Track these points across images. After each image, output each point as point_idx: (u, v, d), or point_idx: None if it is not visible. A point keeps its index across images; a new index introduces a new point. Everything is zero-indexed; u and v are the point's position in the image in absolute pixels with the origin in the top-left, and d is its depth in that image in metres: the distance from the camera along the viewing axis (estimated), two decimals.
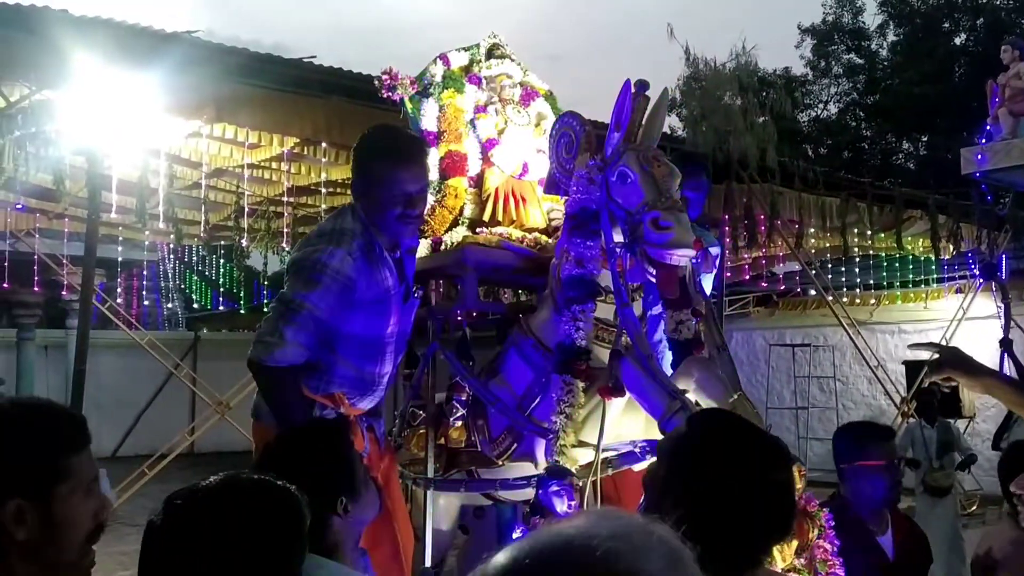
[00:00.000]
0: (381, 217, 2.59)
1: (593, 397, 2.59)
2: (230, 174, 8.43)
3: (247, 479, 1.32)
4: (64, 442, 1.46)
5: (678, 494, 1.45)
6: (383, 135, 2.68)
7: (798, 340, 14.24)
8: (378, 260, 2.60)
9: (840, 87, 23.21)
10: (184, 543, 1.18)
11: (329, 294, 2.49)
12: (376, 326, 2.62)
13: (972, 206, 10.08)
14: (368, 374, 2.65)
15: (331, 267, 2.50)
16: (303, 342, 2.49)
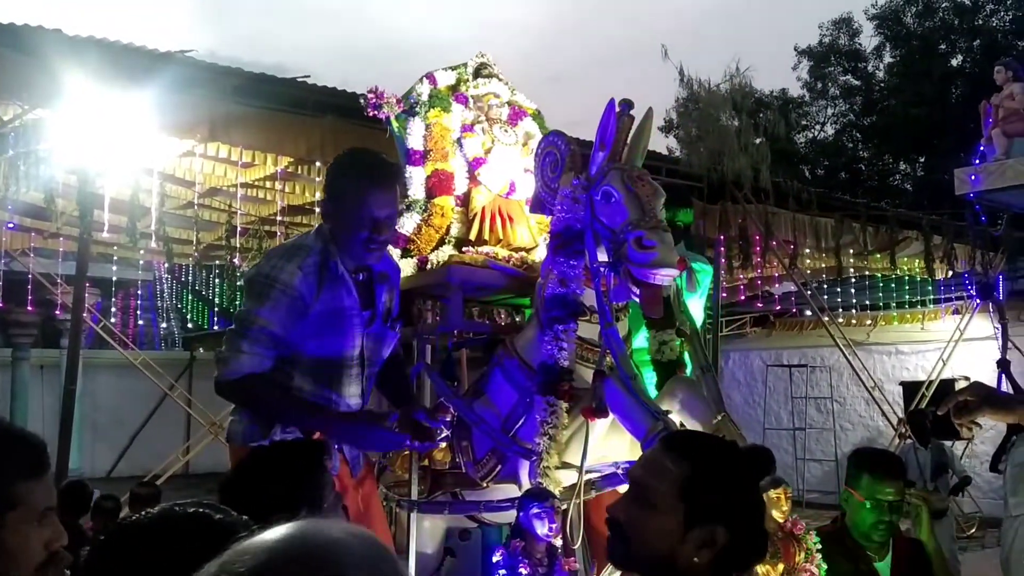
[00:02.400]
0: (348, 238, 2.56)
1: (577, 418, 2.57)
2: (223, 193, 8.43)
3: (181, 513, 1.25)
4: (16, 468, 1.41)
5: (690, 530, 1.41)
6: (357, 158, 2.64)
7: (795, 361, 14.20)
8: (334, 278, 2.56)
9: (837, 108, 23.31)
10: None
11: (279, 307, 2.49)
12: (333, 345, 2.57)
13: (966, 227, 10.08)
14: (328, 395, 2.59)
15: (280, 280, 2.50)
16: (258, 351, 2.50)
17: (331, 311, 2.55)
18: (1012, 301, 11.75)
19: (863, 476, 2.71)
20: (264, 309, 2.49)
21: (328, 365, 2.58)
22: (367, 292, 2.64)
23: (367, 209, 2.51)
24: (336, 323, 2.56)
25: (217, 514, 1.19)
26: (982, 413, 2.01)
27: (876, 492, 2.66)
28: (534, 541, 2.25)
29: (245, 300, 2.60)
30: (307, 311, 2.51)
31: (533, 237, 3.21)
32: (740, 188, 9.27)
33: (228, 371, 2.49)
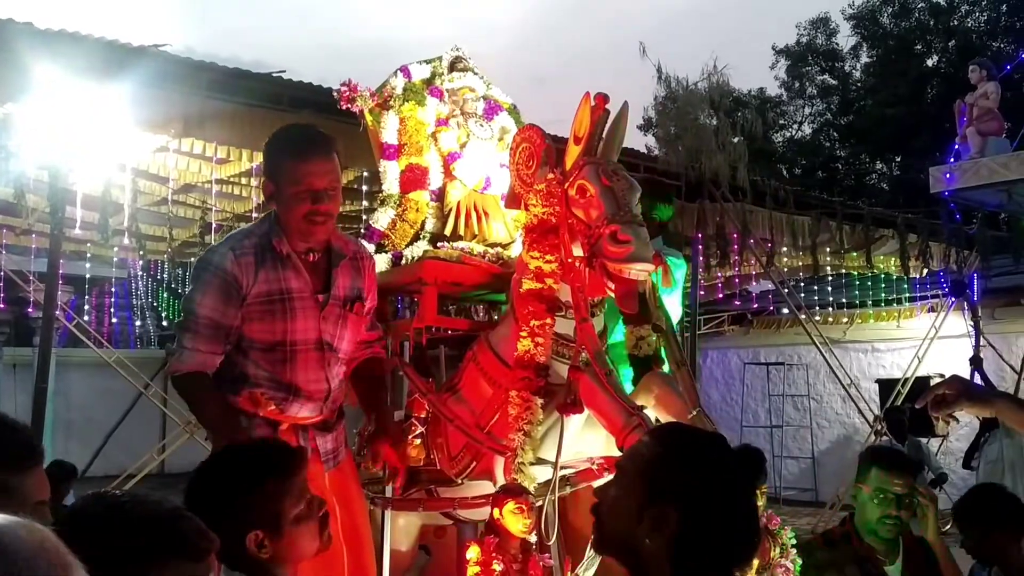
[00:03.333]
0: (291, 216, 2.49)
1: (552, 414, 2.55)
2: (198, 190, 8.34)
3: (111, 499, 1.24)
4: (8, 461, 1.39)
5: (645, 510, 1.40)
6: (290, 132, 2.61)
7: (772, 359, 14.29)
8: (277, 259, 2.51)
9: (814, 108, 23.49)
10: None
11: (211, 291, 2.47)
12: (274, 330, 2.52)
13: (941, 225, 10.17)
14: (286, 380, 2.54)
15: (212, 263, 2.49)
16: (201, 347, 2.50)
17: (274, 293, 2.51)
18: (986, 299, 11.87)
19: (872, 468, 2.73)
20: (198, 295, 2.49)
21: (280, 348, 2.53)
22: (322, 274, 2.59)
23: (305, 181, 2.46)
24: (282, 305, 2.51)
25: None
26: (960, 406, 2.01)
27: (883, 484, 2.68)
28: (509, 537, 2.23)
29: (189, 288, 2.60)
30: (243, 293, 2.48)
31: (509, 233, 3.19)
32: (718, 186, 9.29)
33: (174, 366, 2.54)
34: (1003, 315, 12.44)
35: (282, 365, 2.55)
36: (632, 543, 1.41)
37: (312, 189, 2.46)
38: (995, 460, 7.83)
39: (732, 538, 1.39)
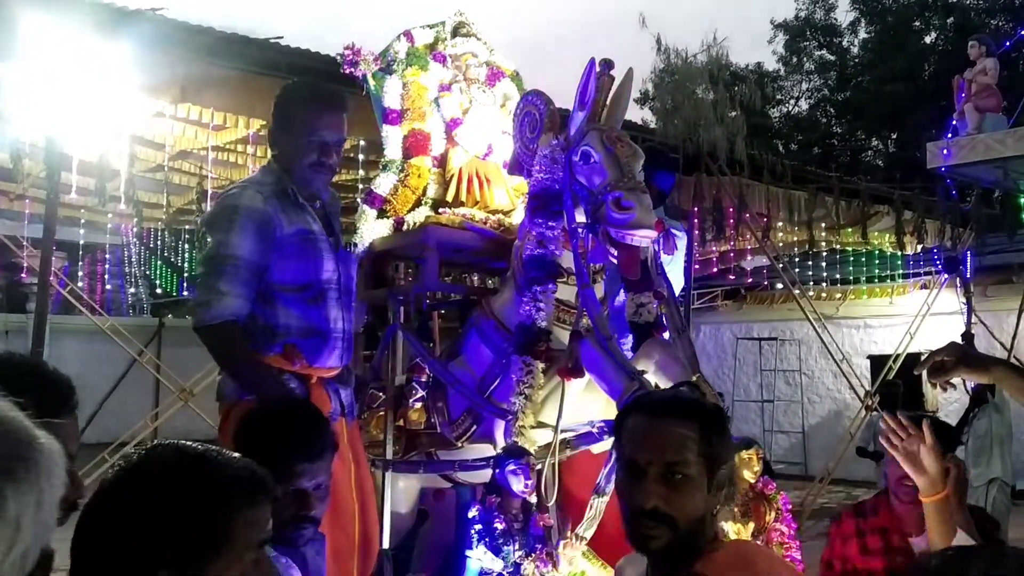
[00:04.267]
0: (297, 164, 2.53)
1: (553, 378, 2.57)
2: (194, 156, 8.31)
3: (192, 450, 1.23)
4: (42, 407, 1.38)
5: (724, 477, 1.47)
6: (305, 84, 2.68)
7: (765, 334, 14.36)
8: (293, 204, 2.54)
9: (812, 83, 23.40)
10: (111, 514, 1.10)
11: (247, 233, 2.42)
12: (308, 269, 2.53)
13: (937, 202, 10.18)
14: (316, 323, 2.53)
15: (242, 206, 2.44)
16: (239, 291, 2.41)
17: (301, 235, 2.52)
18: (978, 277, 11.93)
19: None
20: (236, 236, 2.41)
21: (311, 288, 2.53)
22: (324, 220, 2.63)
23: (316, 133, 2.51)
24: (309, 247, 2.53)
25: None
26: (958, 373, 2.02)
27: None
28: (509, 497, 2.26)
29: (212, 238, 2.50)
30: (276, 235, 2.46)
31: (511, 200, 3.19)
32: (715, 160, 9.29)
33: (209, 315, 2.40)
34: (995, 292, 12.52)
35: (313, 306, 2.53)
36: (705, 515, 1.48)
37: (322, 141, 2.51)
38: (983, 435, 7.90)
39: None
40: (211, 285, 2.41)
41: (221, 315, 2.39)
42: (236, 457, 1.20)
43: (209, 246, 2.50)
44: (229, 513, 1.12)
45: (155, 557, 1.06)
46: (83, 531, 1.10)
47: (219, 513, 1.11)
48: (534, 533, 2.25)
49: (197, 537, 1.08)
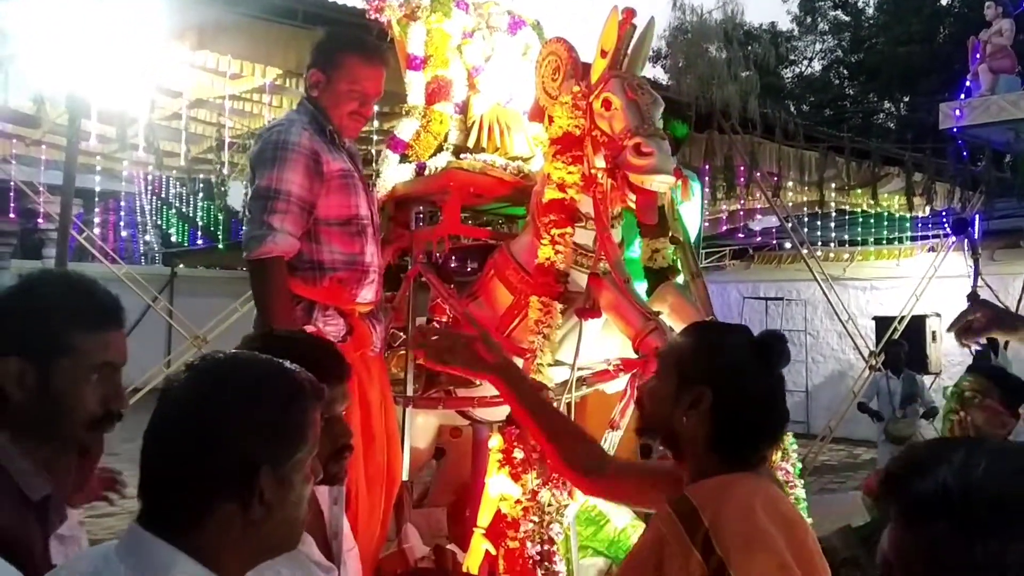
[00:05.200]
0: (336, 111, 2.64)
1: (570, 318, 2.67)
2: (210, 105, 8.34)
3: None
4: (73, 317, 1.44)
5: (701, 399, 1.56)
6: (354, 32, 2.81)
7: (772, 294, 14.44)
8: (332, 143, 2.64)
9: (825, 44, 23.19)
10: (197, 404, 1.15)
11: (297, 168, 2.50)
12: (350, 204, 2.63)
13: (947, 164, 10.18)
14: (357, 258, 2.64)
15: (291, 142, 2.51)
16: (290, 229, 2.50)
17: (342, 172, 2.62)
18: (986, 240, 11.96)
19: (966, 371, 2.86)
20: (287, 173, 2.48)
21: (354, 222, 2.64)
22: (351, 159, 2.75)
23: (359, 83, 2.63)
24: (349, 184, 2.64)
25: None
26: (989, 332, 2.09)
27: (960, 381, 2.81)
28: None
29: (260, 173, 2.55)
30: (323, 168, 2.55)
31: (530, 147, 3.26)
32: (728, 118, 9.29)
33: (260, 249, 2.48)
34: (1002, 256, 12.55)
35: (357, 240, 2.64)
36: (671, 424, 1.60)
37: (364, 92, 2.64)
38: None
39: (760, 415, 1.57)
40: (262, 220, 2.48)
41: (274, 250, 2.48)
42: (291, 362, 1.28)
43: (259, 181, 2.55)
44: (307, 409, 1.20)
45: (256, 453, 1.13)
46: (165, 436, 1.15)
47: (301, 409, 1.20)
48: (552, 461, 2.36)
49: (286, 432, 1.17)
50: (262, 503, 1.14)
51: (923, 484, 0.77)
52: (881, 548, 0.82)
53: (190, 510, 1.13)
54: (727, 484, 1.51)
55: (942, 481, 0.76)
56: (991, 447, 0.80)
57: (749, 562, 1.38)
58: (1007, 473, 0.75)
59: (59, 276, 1.58)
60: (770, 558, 1.39)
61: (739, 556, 1.38)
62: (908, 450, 0.86)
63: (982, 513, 0.72)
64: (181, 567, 1.11)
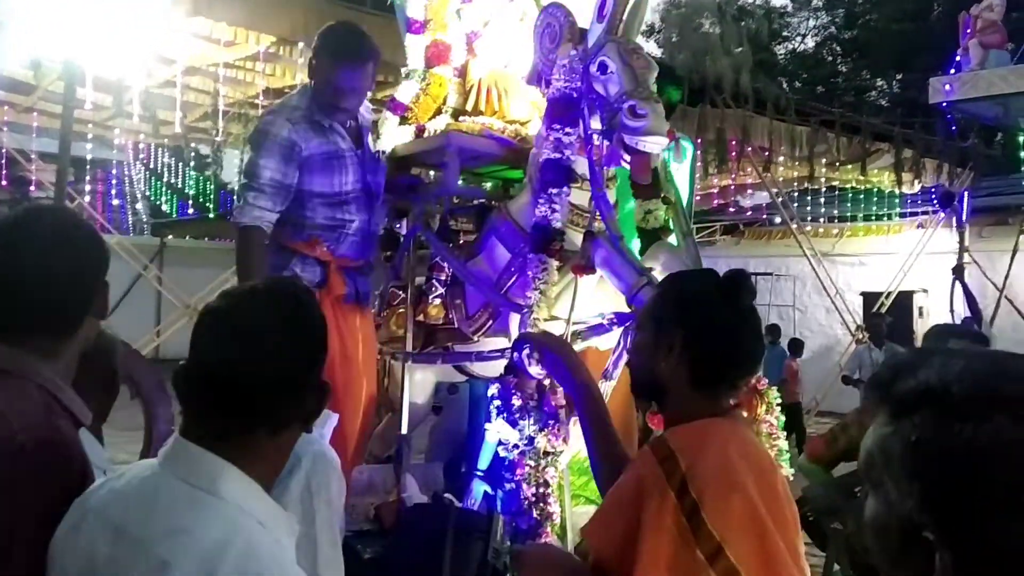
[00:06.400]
0: (321, 99, 3.00)
1: (566, 275, 2.75)
2: (203, 73, 8.35)
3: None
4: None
5: (673, 342, 1.64)
6: (335, 30, 3.07)
7: (761, 269, 14.55)
8: (322, 127, 3.01)
9: (819, 20, 23.18)
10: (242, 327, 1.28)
11: (273, 156, 2.92)
12: (333, 182, 3.03)
13: (937, 141, 10.28)
14: (337, 220, 3.05)
15: (271, 133, 2.94)
16: (263, 204, 2.91)
17: (329, 152, 3.01)
18: (974, 217, 12.10)
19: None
20: (261, 159, 2.93)
21: (336, 196, 3.04)
22: (355, 134, 3.13)
23: (332, 79, 2.97)
24: (333, 163, 3.02)
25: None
26: None
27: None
28: (526, 378, 2.45)
29: (248, 155, 3.05)
30: (301, 155, 2.95)
31: (528, 111, 3.32)
32: (720, 92, 9.35)
33: (240, 218, 2.92)
34: (990, 233, 12.69)
35: (339, 208, 3.05)
36: (654, 373, 1.68)
37: (337, 86, 2.96)
38: None
39: (730, 347, 1.65)
40: (244, 195, 2.96)
41: (243, 220, 2.91)
42: None
43: (247, 161, 3.04)
44: (326, 330, 1.37)
45: (303, 371, 1.30)
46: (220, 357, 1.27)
47: (325, 330, 1.36)
48: (547, 411, 2.45)
49: (319, 351, 1.35)
50: (301, 418, 1.27)
51: (907, 384, 0.85)
52: (864, 445, 0.90)
53: (240, 424, 1.24)
54: (704, 429, 1.59)
55: (924, 380, 0.84)
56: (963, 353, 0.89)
57: (721, 504, 1.46)
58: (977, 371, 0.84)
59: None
60: (741, 502, 1.47)
61: (712, 499, 1.46)
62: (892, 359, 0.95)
63: (958, 403, 0.81)
64: (228, 475, 1.21)
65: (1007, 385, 0.81)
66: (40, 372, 1.42)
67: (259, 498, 1.25)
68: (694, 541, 1.45)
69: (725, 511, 1.46)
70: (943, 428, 0.81)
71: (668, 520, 1.47)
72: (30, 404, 1.38)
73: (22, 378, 1.40)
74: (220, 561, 1.13)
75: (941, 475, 0.80)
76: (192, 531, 1.16)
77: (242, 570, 1.13)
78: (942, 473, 0.80)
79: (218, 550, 1.14)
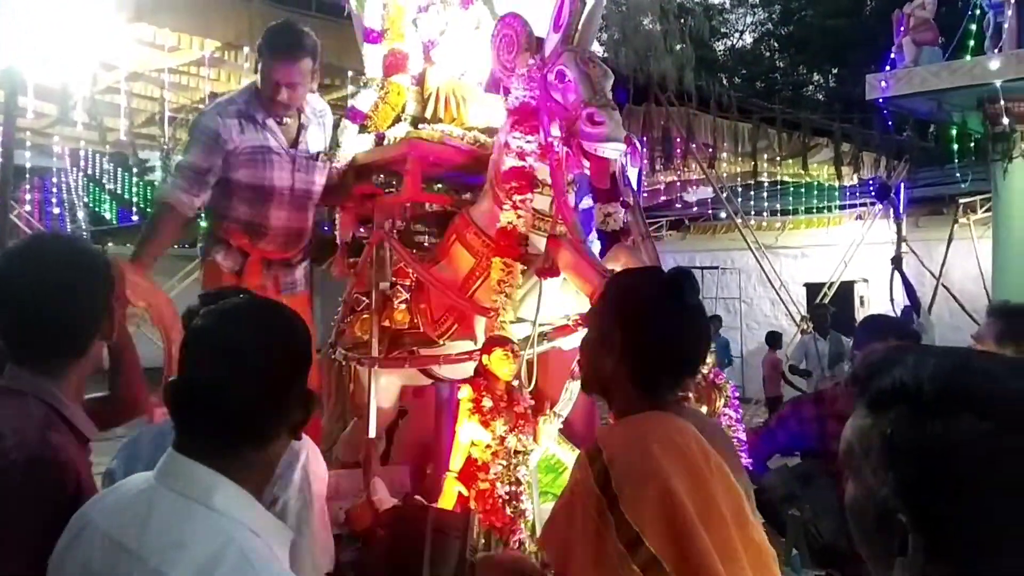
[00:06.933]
0: (265, 94, 3.31)
1: (531, 278, 2.82)
2: (148, 79, 8.26)
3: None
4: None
5: (614, 339, 1.69)
6: (273, 28, 3.40)
7: (707, 263, 14.82)
8: (257, 123, 3.32)
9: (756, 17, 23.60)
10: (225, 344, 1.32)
11: (200, 147, 3.27)
12: (258, 176, 3.34)
13: (874, 135, 10.58)
14: (256, 219, 3.38)
15: (201, 125, 3.31)
16: (183, 187, 3.25)
17: (257, 148, 3.33)
18: (911, 208, 12.48)
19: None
20: (192, 150, 3.30)
21: (260, 191, 3.36)
22: (294, 133, 3.43)
23: (270, 75, 3.30)
24: (263, 158, 3.34)
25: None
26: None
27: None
28: (495, 380, 2.52)
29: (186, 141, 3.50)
30: (227, 147, 3.27)
31: (485, 119, 3.38)
32: (664, 90, 9.51)
33: (161, 192, 3.51)
34: (926, 224, 13.11)
35: (260, 206, 3.36)
36: (598, 371, 1.73)
37: (274, 81, 3.27)
38: None
39: (668, 348, 1.68)
40: (172, 174, 3.36)
41: (164, 197, 3.31)
42: None
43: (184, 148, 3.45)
44: (309, 339, 1.42)
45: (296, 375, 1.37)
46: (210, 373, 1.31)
47: (308, 339, 1.41)
48: (517, 411, 2.52)
49: (305, 359, 1.40)
50: (289, 428, 1.32)
51: (883, 381, 0.94)
52: (844, 436, 0.98)
53: (229, 441, 1.29)
54: (632, 424, 1.64)
55: (899, 377, 0.93)
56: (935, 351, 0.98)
57: (638, 494, 1.48)
58: (947, 370, 0.92)
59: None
60: (657, 492, 1.47)
61: (629, 490, 1.49)
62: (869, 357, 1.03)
63: (929, 400, 0.89)
64: (221, 487, 1.25)
65: (974, 384, 0.90)
66: (45, 388, 1.46)
67: (252, 508, 1.30)
68: (616, 533, 1.47)
69: (640, 500, 1.47)
70: (916, 424, 0.89)
71: (593, 514, 1.51)
72: (29, 422, 1.42)
73: (24, 395, 1.44)
74: (214, 571, 1.18)
75: (913, 467, 0.89)
76: (187, 543, 1.21)
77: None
78: (914, 465, 0.89)
79: (212, 561, 1.19)
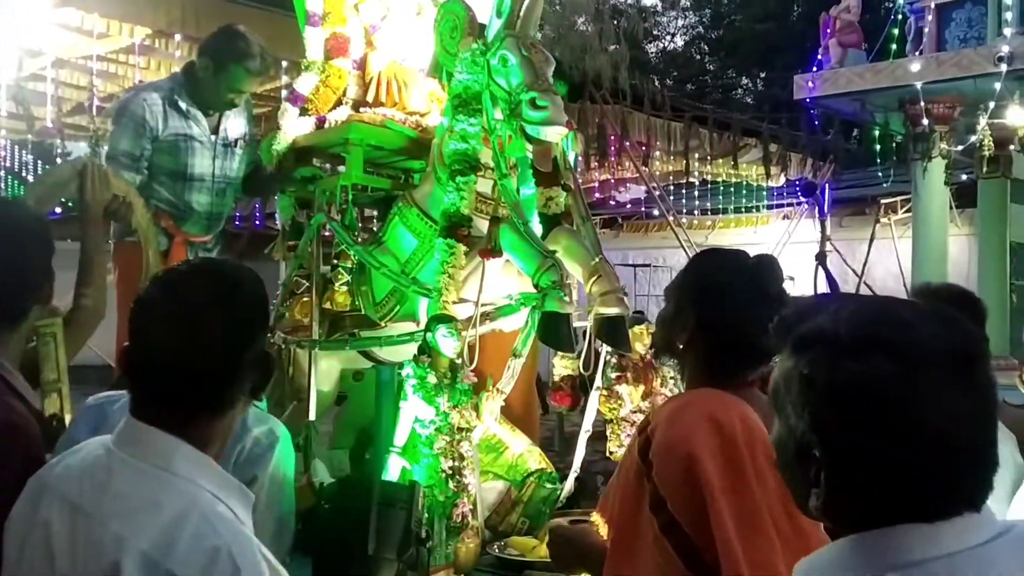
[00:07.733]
0: (214, 96, 3.62)
1: (473, 259, 2.85)
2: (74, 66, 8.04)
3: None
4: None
5: (688, 316, 1.74)
6: (244, 41, 3.60)
7: (640, 261, 15.01)
8: (181, 112, 3.57)
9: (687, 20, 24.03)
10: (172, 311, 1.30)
11: (125, 131, 3.50)
12: (179, 162, 3.61)
13: (801, 136, 10.88)
14: (181, 202, 3.64)
15: (128, 110, 3.53)
16: (113, 170, 3.21)
17: (179, 135, 3.58)
18: (835, 208, 12.86)
19: None
20: (121, 138, 3.52)
21: (180, 176, 3.62)
22: (216, 121, 3.70)
23: (233, 88, 3.61)
24: (186, 145, 3.60)
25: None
26: None
27: None
28: (439, 357, 2.55)
29: (111, 128, 3.68)
30: (152, 133, 3.51)
31: (427, 103, 3.40)
32: (599, 88, 9.63)
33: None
34: (849, 223, 13.50)
35: (181, 189, 3.63)
36: (671, 345, 1.80)
37: (239, 89, 3.60)
38: None
39: (738, 336, 1.66)
40: (107, 165, 3.30)
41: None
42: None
43: (109, 136, 3.69)
44: (265, 303, 1.39)
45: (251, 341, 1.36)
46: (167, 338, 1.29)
47: (264, 303, 1.42)
48: (460, 388, 2.55)
49: (261, 324, 1.42)
50: (247, 393, 1.32)
51: (806, 325, 1.00)
52: (772, 377, 1.05)
53: (185, 408, 1.28)
54: (681, 397, 1.72)
55: (819, 322, 0.99)
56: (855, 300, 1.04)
57: (665, 459, 1.54)
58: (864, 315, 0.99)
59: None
60: (686, 460, 1.50)
61: (660, 456, 1.55)
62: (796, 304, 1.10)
63: (846, 342, 0.96)
64: (181, 452, 1.25)
65: (887, 329, 0.97)
66: None
67: (212, 470, 1.30)
68: (648, 498, 1.55)
69: (667, 466, 1.53)
70: (831, 364, 0.96)
71: (633, 479, 1.59)
72: None
73: None
74: (178, 534, 1.18)
75: (827, 404, 0.96)
76: (148, 508, 1.21)
77: (199, 540, 1.19)
78: (827, 402, 0.96)
79: (174, 524, 1.19)
